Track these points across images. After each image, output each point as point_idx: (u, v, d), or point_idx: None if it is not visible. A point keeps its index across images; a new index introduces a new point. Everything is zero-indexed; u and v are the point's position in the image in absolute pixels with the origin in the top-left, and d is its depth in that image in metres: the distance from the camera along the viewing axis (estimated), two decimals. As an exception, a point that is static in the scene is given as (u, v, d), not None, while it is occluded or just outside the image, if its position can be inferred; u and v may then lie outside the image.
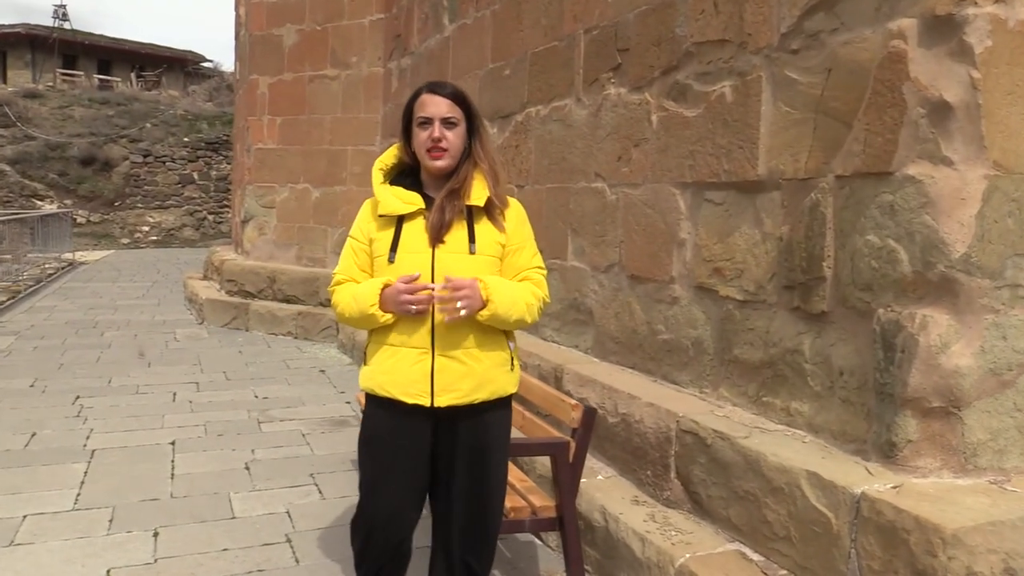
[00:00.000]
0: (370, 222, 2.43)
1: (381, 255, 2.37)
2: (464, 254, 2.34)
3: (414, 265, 2.32)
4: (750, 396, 3.25)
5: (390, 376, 2.36)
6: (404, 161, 2.46)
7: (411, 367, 2.34)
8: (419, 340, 2.33)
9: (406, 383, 2.34)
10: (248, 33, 9.38)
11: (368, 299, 2.32)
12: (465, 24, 6.14)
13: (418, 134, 2.36)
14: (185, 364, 7.32)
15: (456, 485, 2.45)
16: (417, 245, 2.34)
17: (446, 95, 2.37)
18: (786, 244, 3.03)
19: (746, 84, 3.21)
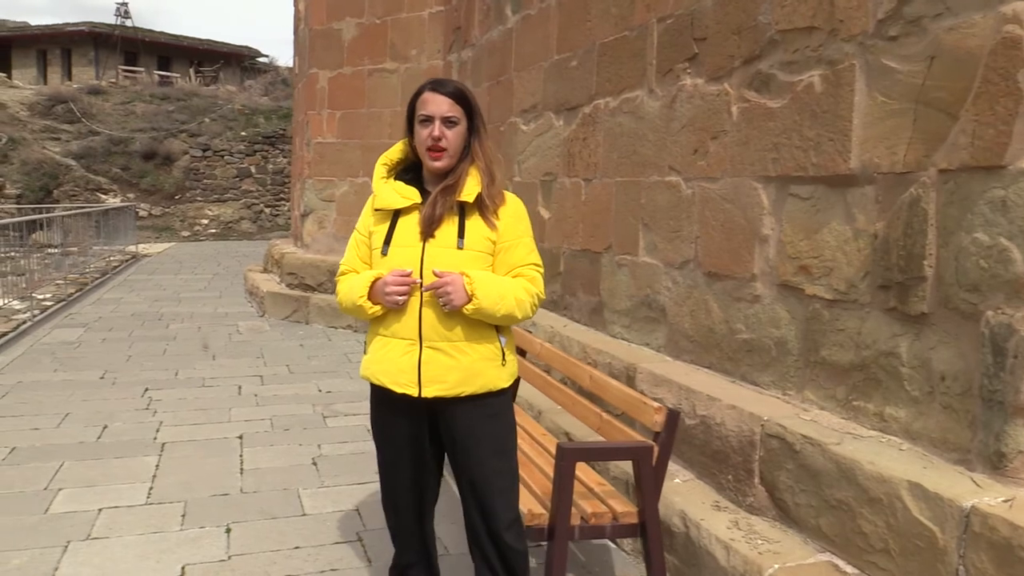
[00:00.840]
0: (372, 215, 2.51)
1: (376, 248, 2.46)
2: (452, 249, 2.39)
3: (405, 258, 2.40)
4: (839, 400, 3.11)
5: (381, 365, 2.45)
6: (409, 156, 2.53)
7: (400, 357, 2.41)
8: (407, 332, 2.40)
9: (395, 373, 2.42)
10: (308, 27, 9.41)
11: (359, 291, 2.42)
12: (529, 15, 6.04)
13: (419, 132, 2.41)
14: (248, 357, 7.39)
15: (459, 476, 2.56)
16: (409, 239, 2.41)
17: (447, 93, 2.41)
18: (881, 242, 2.88)
19: (837, 73, 3.06)
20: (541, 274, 2.60)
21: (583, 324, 5.14)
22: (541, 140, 5.83)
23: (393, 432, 2.55)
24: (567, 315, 5.40)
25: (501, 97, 6.63)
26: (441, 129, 2.37)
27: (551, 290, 5.64)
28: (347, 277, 2.53)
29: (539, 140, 5.87)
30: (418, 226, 2.40)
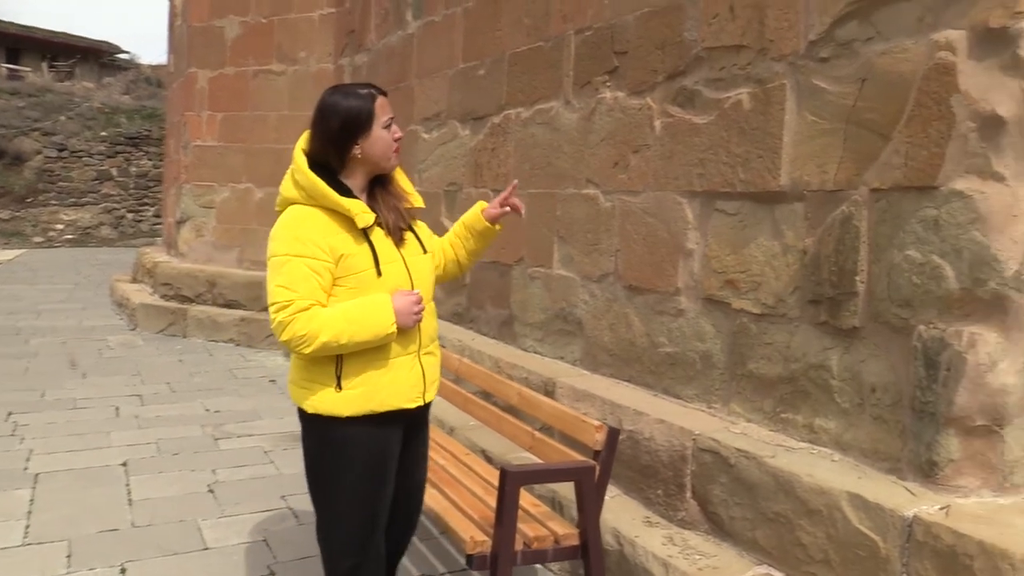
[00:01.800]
0: (334, 236, 2.27)
1: (365, 270, 2.28)
2: (421, 255, 2.43)
3: (397, 273, 2.33)
4: (766, 412, 3.16)
5: (393, 389, 2.34)
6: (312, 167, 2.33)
7: (408, 373, 2.37)
8: (410, 345, 2.37)
9: (407, 389, 2.37)
10: (186, 24, 8.91)
11: (384, 322, 2.25)
12: (433, 22, 5.92)
13: (383, 136, 2.37)
14: (123, 374, 6.87)
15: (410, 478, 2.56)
16: (390, 254, 2.33)
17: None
18: (812, 257, 2.94)
19: (767, 92, 3.12)
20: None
21: (492, 338, 5.05)
22: (445, 149, 5.71)
23: (390, 455, 2.42)
24: (473, 328, 5.30)
25: (400, 104, 6.45)
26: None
27: (455, 303, 5.52)
28: (317, 311, 2.22)
29: (443, 149, 5.75)
30: (388, 238, 2.35)
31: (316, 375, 2.30)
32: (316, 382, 2.30)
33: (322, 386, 2.29)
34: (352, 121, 2.31)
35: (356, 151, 2.33)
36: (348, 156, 2.33)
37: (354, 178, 2.37)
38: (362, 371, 2.29)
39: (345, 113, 2.31)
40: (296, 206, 2.31)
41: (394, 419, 2.37)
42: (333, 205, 2.27)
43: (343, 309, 2.24)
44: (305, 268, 2.22)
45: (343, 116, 2.31)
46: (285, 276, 2.22)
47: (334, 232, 2.27)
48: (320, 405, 2.30)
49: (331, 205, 2.27)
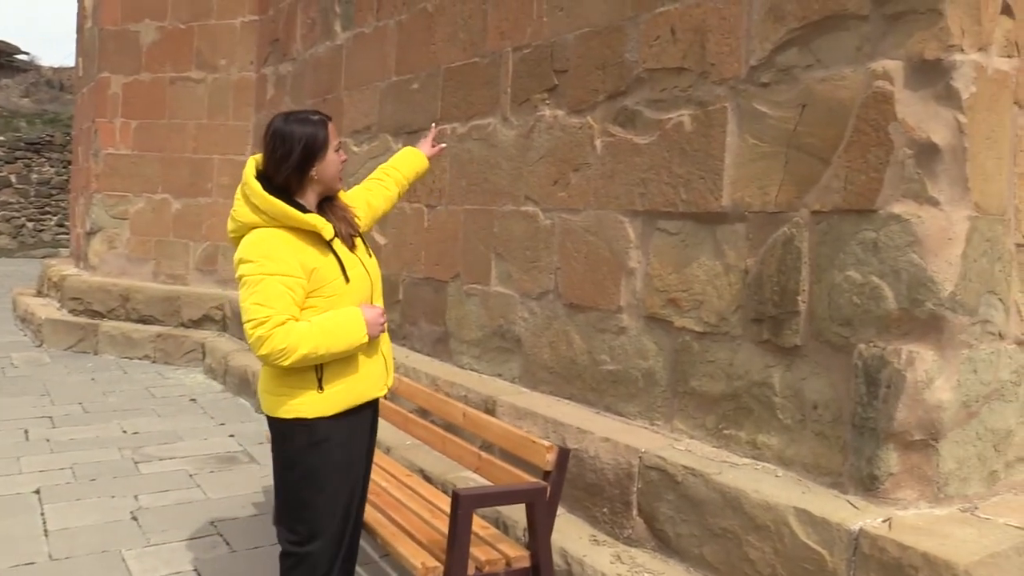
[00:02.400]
0: (302, 253, 2.42)
1: (335, 279, 2.45)
2: (369, 258, 2.64)
3: (361, 276, 2.53)
4: (708, 429, 3.21)
5: (367, 381, 2.55)
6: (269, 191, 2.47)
7: (376, 365, 2.59)
8: (377, 341, 2.58)
9: (377, 379, 2.60)
10: (98, 27, 8.54)
11: (357, 332, 2.44)
12: (363, 33, 5.84)
13: (335, 159, 2.55)
14: (30, 394, 6.50)
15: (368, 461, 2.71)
16: (351, 260, 2.52)
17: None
18: (754, 277, 3.01)
19: (708, 114, 3.18)
20: None
21: (426, 354, 5.00)
22: (376, 163, 5.60)
23: (360, 447, 2.61)
24: (407, 345, 5.23)
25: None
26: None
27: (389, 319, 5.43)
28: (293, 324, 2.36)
29: (374, 163, 5.65)
30: (345, 246, 2.53)
31: (295, 381, 2.44)
32: (296, 387, 2.44)
33: (303, 390, 2.44)
34: (311, 146, 2.48)
35: (313, 173, 2.49)
36: (306, 178, 2.49)
37: (307, 197, 2.52)
38: (342, 371, 2.48)
39: (304, 139, 2.47)
40: (260, 229, 2.43)
41: (363, 410, 2.58)
42: (298, 223, 2.41)
43: (318, 323, 2.39)
44: (280, 285, 2.36)
45: (303, 142, 2.47)
46: (260, 294, 2.35)
47: (301, 249, 2.41)
48: (302, 408, 2.44)
49: (296, 224, 2.41)
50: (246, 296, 2.37)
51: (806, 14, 2.84)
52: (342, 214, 2.59)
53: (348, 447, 2.54)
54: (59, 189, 17.90)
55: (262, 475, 4.79)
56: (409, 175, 3.19)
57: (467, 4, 4.63)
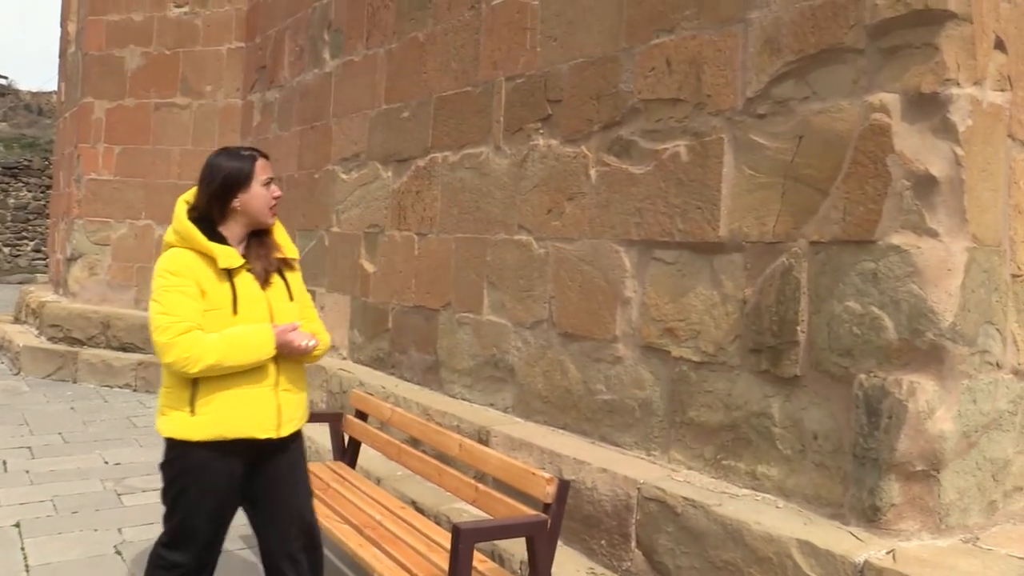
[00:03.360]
0: (199, 274, 2.56)
1: (221, 308, 2.55)
2: (287, 302, 2.69)
3: (256, 314, 2.59)
4: (707, 459, 3.20)
5: (240, 415, 2.54)
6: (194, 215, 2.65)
7: (262, 405, 2.58)
8: (266, 379, 2.59)
9: (260, 420, 2.57)
10: (81, 52, 8.50)
11: (266, 346, 2.55)
12: (352, 61, 5.85)
13: (262, 193, 2.66)
14: (8, 424, 6.36)
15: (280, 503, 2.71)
16: (254, 296, 2.60)
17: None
18: (753, 307, 3.01)
19: (704, 145, 3.20)
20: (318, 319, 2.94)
21: (416, 383, 4.95)
22: (365, 191, 5.62)
23: (226, 481, 2.60)
24: (395, 373, 5.18)
25: (316, 143, 6.34)
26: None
27: (376, 347, 5.40)
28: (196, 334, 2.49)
29: (363, 191, 5.65)
30: (255, 282, 2.62)
31: (173, 401, 2.56)
32: (172, 407, 2.55)
33: (177, 411, 2.54)
34: (233, 178, 2.63)
35: (236, 204, 2.63)
36: (228, 208, 2.63)
37: (233, 229, 2.66)
38: (215, 399, 2.53)
39: (227, 171, 2.63)
40: (172, 248, 2.62)
41: (243, 447, 2.57)
42: (201, 248, 2.57)
43: (227, 335, 2.51)
44: (181, 295, 2.51)
45: (225, 173, 2.63)
46: (163, 304, 2.51)
47: (201, 270, 2.56)
48: (174, 429, 2.55)
49: (199, 248, 2.57)
50: (152, 309, 2.53)
51: (802, 47, 2.87)
52: (265, 252, 2.68)
53: (216, 482, 2.58)
54: (36, 214, 17.71)
55: (249, 507, 4.70)
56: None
57: (459, 34, 4.66)
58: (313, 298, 6.22)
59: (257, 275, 2.62)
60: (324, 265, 6.12)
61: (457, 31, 4.68)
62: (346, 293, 5.79)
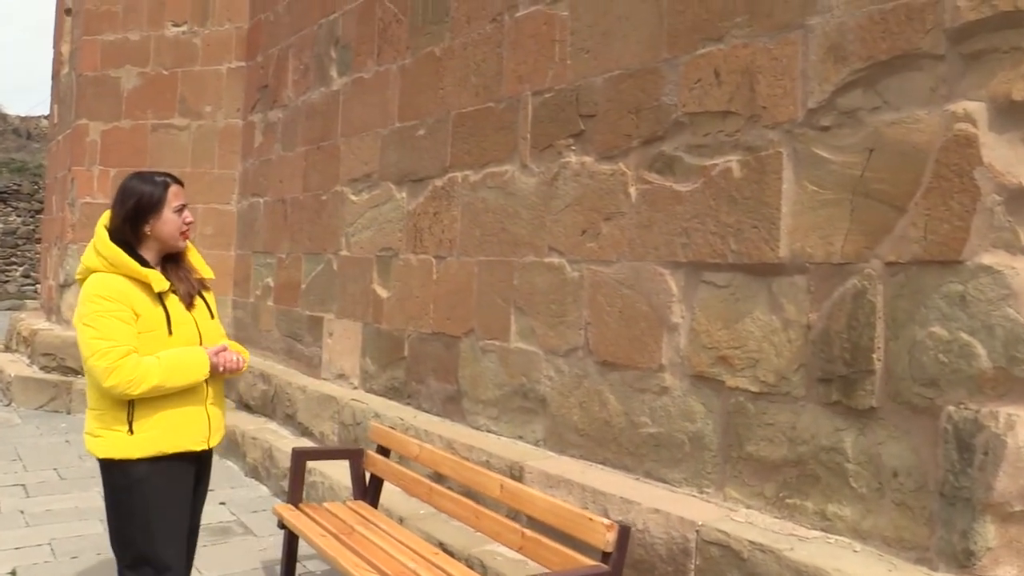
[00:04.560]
0: (132, 298, 2.62)
1: (156, 329, 2.64)
2: (208, 319, 2.82)
3: (188, 334, 2.71)
4: (767, 498, 2.96)
5: (179, 431, 2.66)
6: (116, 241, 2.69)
7: (196, 420, 2.73)
8: (198, 398, 2.73)
9: (195, 434, 2.72)
10: (75, 73, 8.27)
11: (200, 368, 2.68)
12: (362, 78, 5.64)
13: (172, 219, 2.72)
14: (1, 459, 6.06)
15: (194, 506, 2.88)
16: (182, 316, 2.72)
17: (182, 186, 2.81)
18: (820, 333, 2.79)
19: (760, 160, 2.99)
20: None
21: (435, 415, 4.70)
22: (377, 212, 5.39)
23: (183, 491, 2.75)
24: (412, 404, 4.93)
25: (323, 163, 6.11)
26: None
27: (391, 376, 5.15)
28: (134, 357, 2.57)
29: (375, 212, 5.42)
30: (182, 303, 2.73)
31: (109, 423, 2.61)
32: (109, 429, 2.61)
33: (114, 432, 2.60)
34: (144, 203, 2.68)
35: (147, 229, 2.69)
36: (140, 233, 2.69)
37: (148, 252, 2.72)
38: (152, 417, 2.62)
39: (139, 196, 2.69)
40: (98, 273, 2.64)
41: (182, 460, 2.70)
42: (133, 273, 2.62)
43: (165, 357, 2.62)
44: (116, 320, 2.58)
45: (136, 198, 2.69)
46: (100, 329, 2.57)
47: (134, 294, 2.62)
48: (113, 450, 2.61)
49: (131, 273, 2.62)
50: (86, 334, 2.58)
51: (872, 54, 2.67)
52: (184, 275, 2.77)
53: (165, 491, 2.68)
54: (26, 239, 17.38)
55: (260, 548, 4.44)
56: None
57: (480, 48, 4.46)
58: (321, 324, 6.01)
59: (182, 297, 2.73)
60: (333, 290, 5.88)
61: (477, 45, 4.48)
62: (357, 319, 5.55)
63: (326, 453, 4.14)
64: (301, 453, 3.73)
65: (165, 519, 2.69)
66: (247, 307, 7.45)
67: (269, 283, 6.97)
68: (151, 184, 2.72)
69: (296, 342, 6.43)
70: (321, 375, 5.94)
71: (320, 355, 6.01)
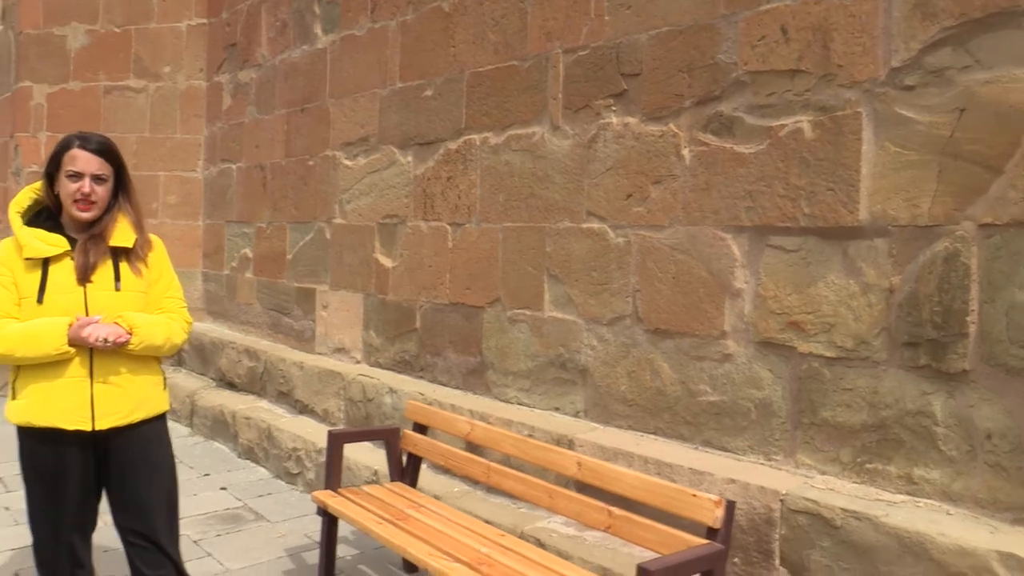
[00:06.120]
0: (14, 263, 2.56)
1: (28, 296, 2.53)
2: (111, 291, 2.60)
3: (64, 304, 2.54)
4: (844, 463, 2.94)
5: (48, 406, 2.52)
6: (42, 202, 2.64)
7: (71, 396, 2.53)
8: (76, 370, 2.53)
9: (69, 411, 2.53)
10: (14, 32, 7.64)
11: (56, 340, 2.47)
12: (353, 35, 5.34)
13: (67, 185, 2.55)
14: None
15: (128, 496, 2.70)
16: (67, 285, 2.56)
17: (95, 151, 2.59)
18: (907, 297, 2.75)
19: (836, 120, 2.92)
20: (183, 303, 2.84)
21: (456, 388, 4.55)
22: (378, 177, 5.15)
23: (59, 470, 2.60)
24: (426, 377, 4.77)
25: (309, 127, 5.80)
26: (91, 185, 2.55)
27: (400, 349, 4.96)
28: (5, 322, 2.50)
29: (374, 177, 5.18)
30: (74, 272, 2.56)
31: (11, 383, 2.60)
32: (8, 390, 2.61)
33: (8, 395, 2.61)
34: (49, 163, 2.60)
35: (57, 191, 2.59)
36: (55, 196, 2.60)
37: (66, 217, 2.61)
38: (28, 385, 2.54)
39: (49, 158, 2.61)
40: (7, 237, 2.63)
41: (61, 438, 2.55)
42: (16, 235, 2.58)
43: (23, 326, 2.50)
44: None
45: (47, 160, 2.61)
46: None
47: (15, 260, 2.56)
48: (6, 411, 2.59)
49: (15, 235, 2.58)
50: None
51: (964, 11, 2.61)
52: (91, 246, 2.58)
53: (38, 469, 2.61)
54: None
55: (278, 535, 4.25)
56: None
57: (498, 3, 4.24)
58: (312, 297, 5.76)
59: (77, 267, 2.56)
60: (326, 260, 5.62)
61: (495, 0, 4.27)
62: (357, 291, 5.32)
63: (362, 434, 3.96)
64: (338, 435, 3.54)
65: (34, 495, 2.65)
66: (220, 280, 7.10)
67: (247, 254, 6.64)
68: (58, 145, 2.61)
69: (283, 315, 6.16)
70: (316, 350, 5.71)
71: (313, 328, 5.77)
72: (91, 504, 2.75)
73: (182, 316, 2.80)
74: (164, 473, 2.78)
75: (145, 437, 2.70)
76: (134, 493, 2.71)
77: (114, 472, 2.69)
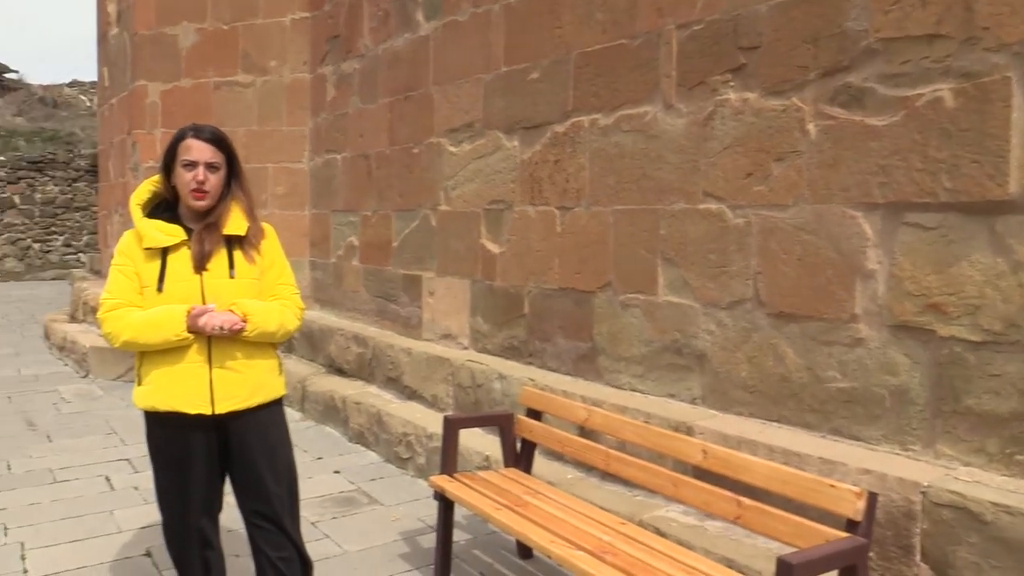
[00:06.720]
0: (136, 253, 2.67)
1: (149, 285, 2.64)
2: (226, 279, 2.67)
3: (183, 292, 2.63)
4: (991, 454, 2.75)
5: (172, 391, 2.62)
6: (161, 194, 2.74)
7: (191, 381, 2.63)
8: (195, 356, 2.62)
9: (190, 395, 2.62)
10: (128, 33, 7.97)
11: (175, 327, 2.57)
12: (456, 21, 5.33)
13: (182, 175, 2.63)
14: (96, 434, 5.95)
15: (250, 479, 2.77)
16: (184, 273, 2.64)
17: (208, 140, 2.65)
18: (1066, 276, 2.54)
19: (982, 88, 2.71)
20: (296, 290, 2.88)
21: (566, 374, 4.50)
22: (483, 163, 5.13)
23: (184, 453, 2.69)
24: (535, 363, 4.74)
25: (413, 114, 5.84)
26: (205, 174, 2.61)
27: (508, 335, 4.95)
28: (126, 311, 2.62)
29: (480, 163, 5.16)
30: (191, 261, 2.64)
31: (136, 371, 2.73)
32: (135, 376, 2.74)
33: (135, 382, 2.73)
34: (165, 157, 2.68)
35: (174, 182, 2.67)
36: (172, 187, 2.69)
37: (183, 208, 2.70)
38: (151, 371, 2.65)
39: (165, 150, 2.69)
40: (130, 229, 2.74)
41: (184, 422, 2.64)
42: (136, 226, 2.69)
43: (147, 314, 2.60)
44: (119, 275, 2.68)
45: (164, 152, 2.70)
46: (108, 283, 2.71)
47: (137, 250, 2.67)
48: (135, 395, 2.72)
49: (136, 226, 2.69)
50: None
51: None
52: (206, 235, 2.65)
53: (162, 451, 2.73)
54: (64, 208, 17.22)
55: (393, 518, 4.29)
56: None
57: (606, -19, 4.14)
58: (419, 283, 5.80)
59: (193, 255, 2.64)
60: (432, 247, 5.65)
61: (602, -22, 4.17)
62: (463, 277, 5.33)
63: (477, 420, 3.97)
64: (454, 421, 3.54)
65: (162, 477, 2.77)
66: (327, 268, 7.26)
67: (353, 242, 6.75)
68: (173, 137, 2.69)
69: (389, 302, 6.24)
70: (423, 336, 5.76)
71: (419, 315, 5.82)
72: (216, 486, 2.84)
73: (295, 303, 2.84)
74: (283, 456, 2.84)
75: (263, 421, 2.77)
76: (255, 476, 2.77)
77: (235, 455, 2.76)
